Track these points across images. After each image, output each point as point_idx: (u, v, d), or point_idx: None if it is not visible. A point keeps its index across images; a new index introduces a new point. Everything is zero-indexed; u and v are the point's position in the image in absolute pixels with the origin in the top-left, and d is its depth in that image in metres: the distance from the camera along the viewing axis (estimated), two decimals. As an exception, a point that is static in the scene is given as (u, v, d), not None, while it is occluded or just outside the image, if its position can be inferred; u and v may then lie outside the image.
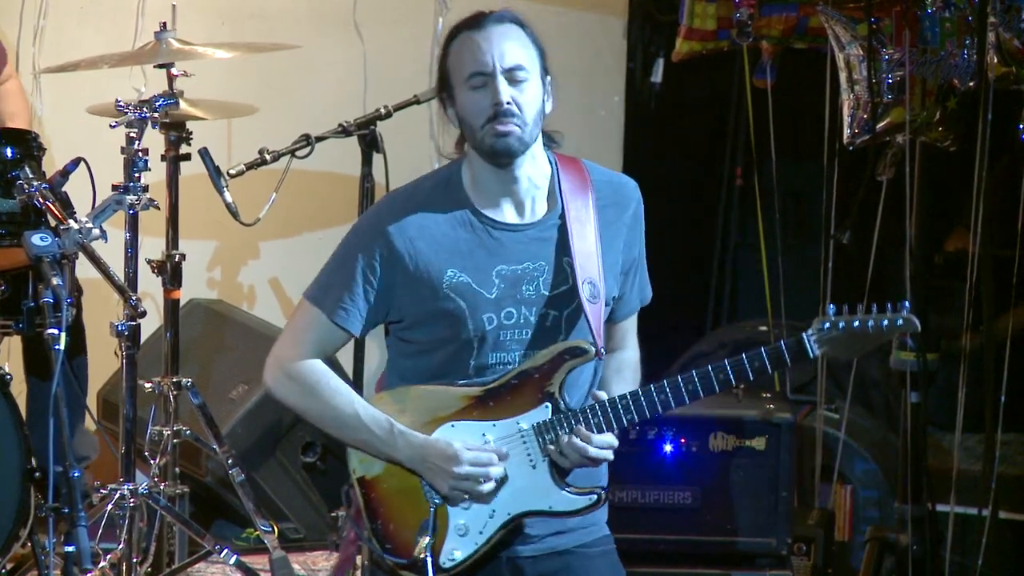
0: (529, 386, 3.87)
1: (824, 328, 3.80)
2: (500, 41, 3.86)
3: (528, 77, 3.88)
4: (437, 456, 3.84)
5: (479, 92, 3.85)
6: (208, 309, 6.95)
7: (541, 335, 3.89)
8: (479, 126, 3.85)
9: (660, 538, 4.06)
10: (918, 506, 5.72)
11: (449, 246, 3.88)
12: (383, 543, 3.91)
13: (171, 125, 5.79)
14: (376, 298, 3.91)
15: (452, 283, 3.87)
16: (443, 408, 3.88)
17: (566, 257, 3.89)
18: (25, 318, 5.45)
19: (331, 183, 7.16)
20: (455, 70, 3.89)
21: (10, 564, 5.48)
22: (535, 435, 3.86)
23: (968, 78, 5.49)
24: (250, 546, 6.27)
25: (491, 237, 3.89)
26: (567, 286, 3.89)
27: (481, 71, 3.84)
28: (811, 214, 7.15)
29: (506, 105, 3.83)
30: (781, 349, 3.83)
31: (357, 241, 3.94)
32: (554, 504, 3.87)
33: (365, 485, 3.93)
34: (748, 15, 6.21)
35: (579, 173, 3.98)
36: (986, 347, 5.63)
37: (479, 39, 3.86)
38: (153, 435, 5.75)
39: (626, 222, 3.99)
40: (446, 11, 7.48)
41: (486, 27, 3.87)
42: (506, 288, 3.88)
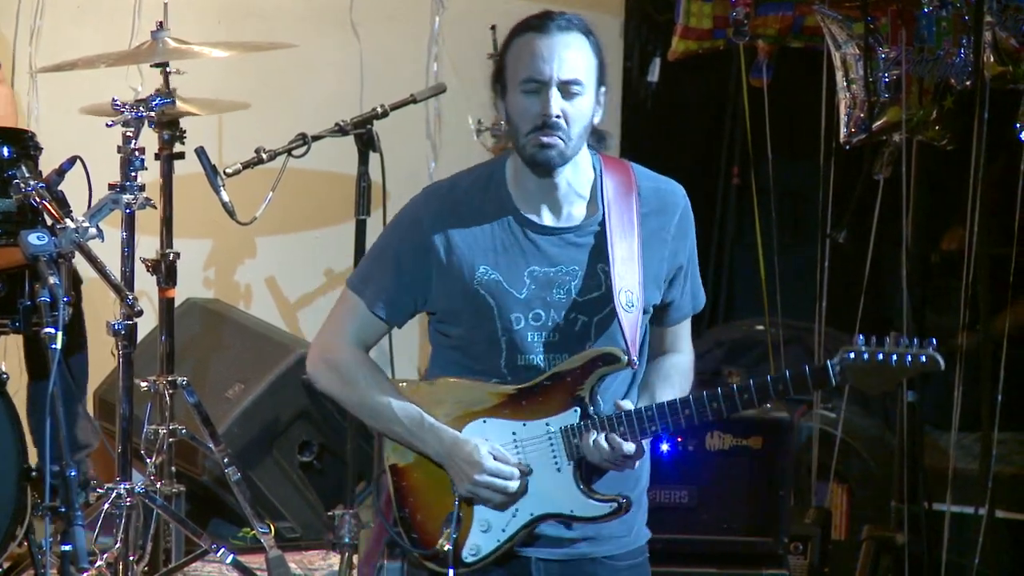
0: (561, 389, 3.88)
1: (849, 357, 3.80)
2: (562, 51, 3.83)
3: (583, 92, 3.85)
4: (462, 458, 3.86)
5: (531, 98, 3.83)
6: (204, 308, 6.95)
7: (569, 339, 3.89)
8: (525, 132, 3.83)
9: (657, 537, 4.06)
10: (915, 505, 5.72)
11: (484, 242, 3.89)
12: (409, 532, 3.94)
13: (166, 124, 5.79)
14: (412, 288, 3.92)
15: (483, 279, 3.88)
16: (476, 403, 3.90)
17: (601, 264, 3.89)
18: (22, 317, 5.44)
19: (328, 182, 7.16)
20: (512, 67, 3.87)
21: (7, 563, 5.47)
22: (562, 438, 3.87)
23: (964, 77, 5.49)
24: (246, 545, 6.27)
25: (526, 238, 3.89)
26: (599, 292, 3.89)
27: (537, 78, 3.82)
28: (808, 213, 7.16)
29: (554, 119, 3.82)
30: (805, 375, 3.83)
31: (396, 232, 3.96)
32: (575, 509, 3.88)
33: (397, 473, 3.96)
34: (744, 14, 6.21)
35: (625, 178, 3.97)
36: (983, 346, 5.63)
37: (541, 45, 3.84)
38: (149, 434, 5.76)
39: (671, 230, 3.97)
40: (443, 10, 7.49)
41: (551, 33, 3.85)
42: (536, 289, 3.88)
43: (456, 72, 7.40)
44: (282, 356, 6.59)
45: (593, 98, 3.89)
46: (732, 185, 7.77)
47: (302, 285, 7.44)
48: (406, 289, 3.92)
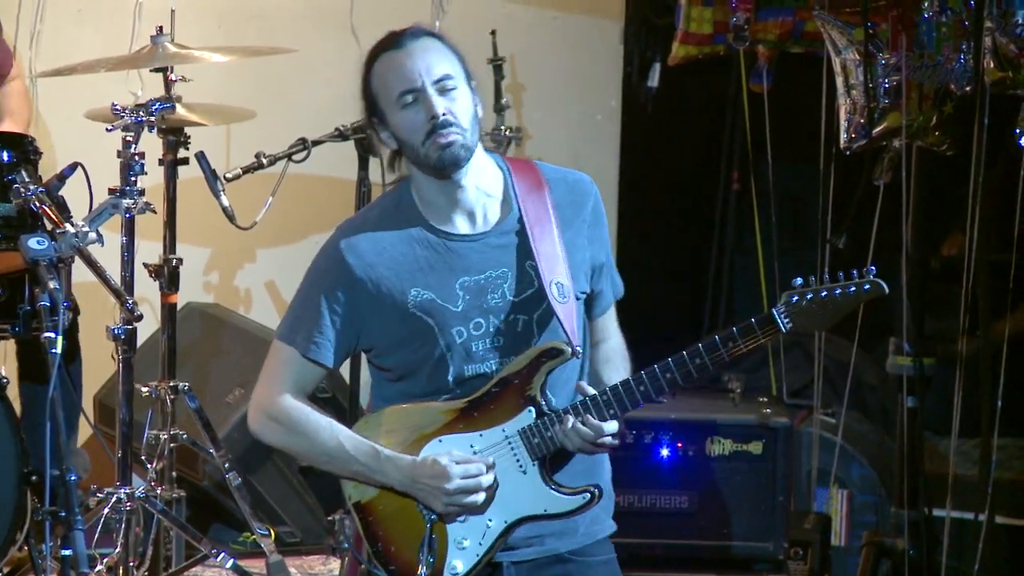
0: (510, 393, 3.88)
1: (792, 301, 3.82)
2: (423, 55, 3.87)
3: (457, 85, 3.87)
4: (427, 475, 3.85)
5: (412, 109, 3.86)
6: (205, 313, 6.95)
7: (513, 341, 3.90)
8: (420, 142, 3.86)
9: (657, 542, 4.06)
10: (914, 511, 5.71)
11: (409, 266, 3.90)
12: (387, 566, 3.93)
13: (169, 129, 5.79)
14: (344, 327, 3.92)
15: (417, 302, 3.89)
16: (428, 424, 3.90)
17: (529, 261, 3.90)
18: (21, 322, 5.44)
19: (328, 187, 7.15)
20: (382, 92, 3.90)
21: (7, 568, 5.47)
22: (522, 440, 3.88)
23: (964, 83, 5.48)
24: (247, 550, 6.27)
25: (449, 250, 3.90)
26: (533, 289, 3.90)
27: (410, 88, 3.85)
28: (807, 218, 7.15)
29: (443, 116, 3.84)
30: (752, 325, 3.83)
31: (318, 275, 3.98)
32: (548, 507, 3.89)
33: (361, 510, 3.96)
34: (744, 19, 6.21)
35: (533, 175, 3.98)
36: (982, 352, 5.63)
37: (402, 57, 3.88)
38: (150, 439, 5.75)
39: (586, 219, 3.99)
40: (442, 15, 7.48)
41: (405, 45, 3.89)
42: (471, 299, 3.89)
43: (456, 77, 7.39)
44: (282, 361, 6.58)
45: (469, 91, 3.91)
46: (732, 190, 7.77)
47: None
48: (339, 330, 3.92)
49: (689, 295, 7.82)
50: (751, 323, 3.82)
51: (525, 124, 7.47)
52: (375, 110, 3.93)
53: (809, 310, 3.81)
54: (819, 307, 3.81)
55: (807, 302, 3.81)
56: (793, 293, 3.82)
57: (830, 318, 3.82)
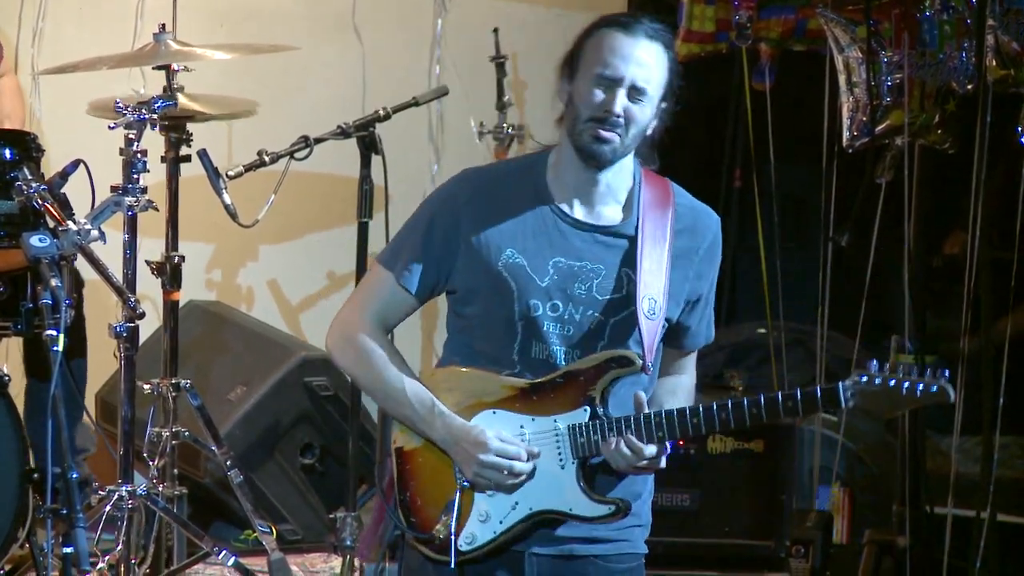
0: (573, 387, 3.89)
1: (861, 381, 3.82)
2: (642, 57, 3.86)
3: (647, 102, 3.88)
4: (468, 441, 3.87)
5: (599, 89, 3.86)
6: (207, 311, 6.95)
7: (584, 336, 3.90)
8: (584, 118, 3.86)
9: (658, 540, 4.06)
10: (916, 509, 5.72)
11: (513, 226, 3.91)
12: (408, 515, 3.95)
13: (171, 127, 5.79)
14: (438, 262, 3.94)
15: (508, 262, 3.90)
16: (488, 394, 3.91)
17: (627, 268, 3.90)
18: (23, 320, 5.45)
19: (330, 185, 7.16)
20: (588, 57, 3.89)
21: (8, 565, 5.48)
22: (569, 436, 3.89)
23: (966, 81, 5.49)
24: (248, 547, 6.28)
25: (556, 228, 3.92)
26: (621, 295, 3.90)
27: (611, 76, 3.85)
28: (810, 216, 7.14)
29: (616, 116, 3.85)
30: (815, 396, 3.84)
31: (429, 207, 3.99)
32: (574, 507, 3.90)
33: (402, 456, 3.98)
34: (747, 17, 6.21)
35: (663, 192, 4.00)
36: (984, 350, 5.63)
37: (625, 44, 3.86)
38: (152, 436, 5.75)
39: (700, 253, 3.99)
40: (445, 13, 7.49)
41: (637, 36, 3.87)
42: (559, 280, 3.90)
43: (458, 75, 7.40)
44: (284, 359, 6.59)
45: (654, 110, 3.92)
46: (734, 188, 7.77)
47: (304, 288, 7.44)
48: (433, 262, 3.94)
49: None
50: (815, 394, 3.84)
51: (527, 122, 7.47)
52: (573, 62, 3.91)
53: (874, 395, 3.82)
54: (884, 395, 3.82)
55: (875, 388, 3.81)
56: (864, 374, 3.83)
57: (891, 409, 3.85)
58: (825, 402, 3.84)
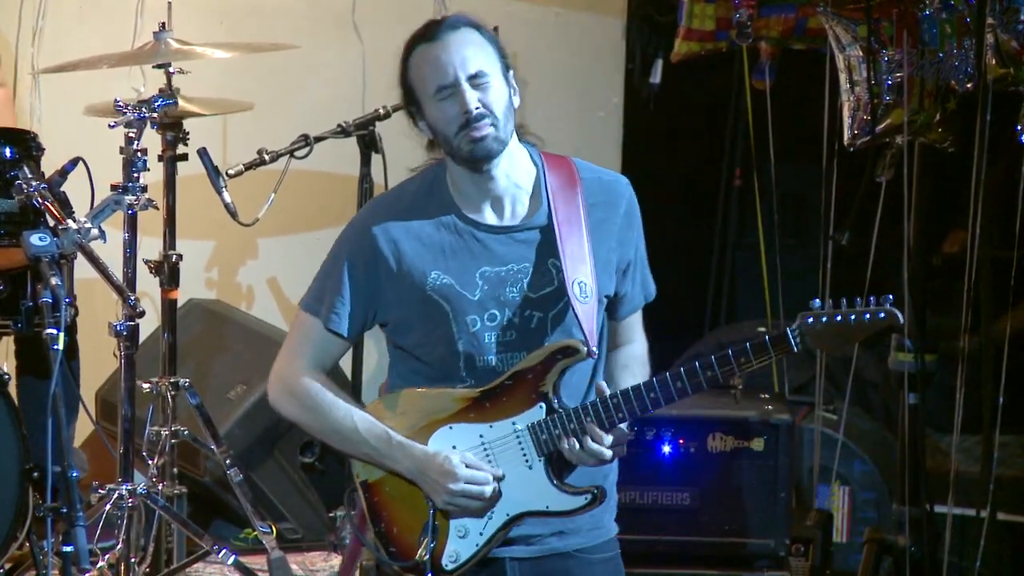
0: (523, 386, 3.88)
1: (808, 322, 3.82)
2: (459, 49, 3.88)
3: (491, 79, 3.88)
4: (435, 471, 3.86)
5: (447, 103, 3.87)
6: (206, 309, 6.95)
7: (526, 337, 3.90)
8: (453, 134, 3.87)
9: (658, 539, 4.06)
10: (916, 507, 5.72)
11: (433, 248, 3.90)
12: (387, 546, 3.94)
13: (169, 125, 5.79)
14: (364, 300, 3.94)
15: (435, 285, 3.89)
16: (440, 411, 3.90)
17: (552, 259, 3.90)
18: (23, 318, 5.44)
19: (330, 183, 7.15)
20: (419, 85, 3.91)
21: (8, 564, 5.47)
22: (530, 435, 3.88)
23: (966, 80, 5.48)
24: (248, 546, 6.28)
25: (475, 239, 3.91)
26: (552, 287, 3.90)
27: (445, 83, 3.86)
28: (810, 215, 7.15)
29: (476, 111, 3.85)
30: (765, 342, 3.84)
31: (344, 246, 3.99)
32: (551, 504, 3.89)
33: (368, 489, 3.96)
34: (747, 16, 6.21)
35: (567, 172, 3.98)
36: (984, 348, 5.63)
37: (438, 51, 3.88)
38: (151, 435, 5.75)
39: (618, 221, 3.98)
40: (444, 11, 7.48)
41: (442, 37, 3.90)
42: (489, 290, 3.89)
43: (459, 73, 7.38)
44: (284, 357, 6.58)
45: (504, 82, 3.92)
46: (734, 187, 7.77)
47: (304, 286, 7.34)
48: (359, 301, 3.93)
49: (691, 291, 7.82)
50: (764, 341, 3.84)
51: (527, 121, 7.42)
52: (412, 99, 3.94)
53: (823, 333, 3.82)
54: (833, 331, 3.82)
55: (822, 325, 3.81)
56: (809, 315, 3.83)
57: (843, 343, 3.84)
58: (776, 348, 3.83)
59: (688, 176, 7.90)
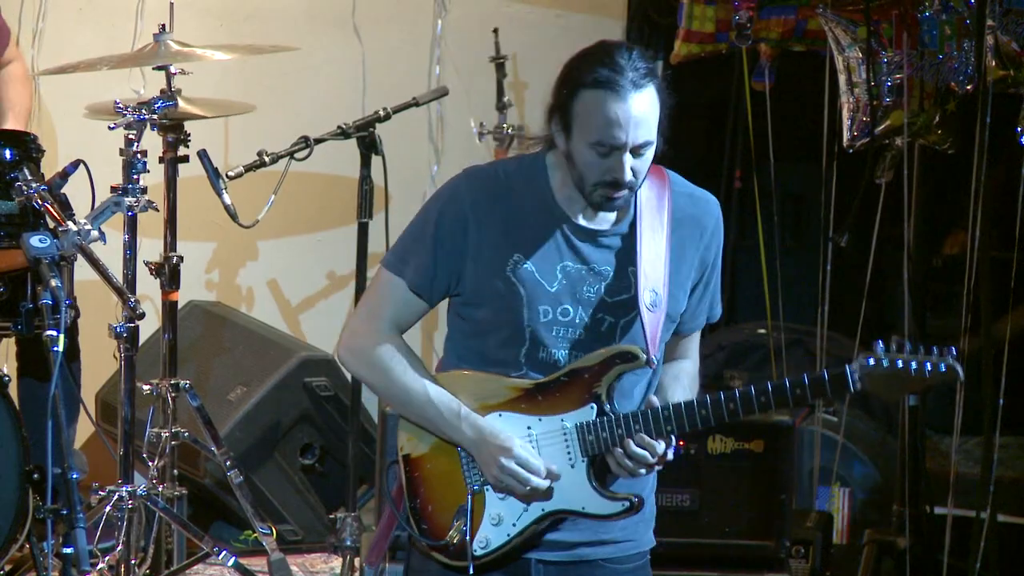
0: (578, 385, 3.87)
1: (868, 364, 3.78)
2: (639, 116, 3.77)
3: (651, 147, 3.83)
4: (494, 444, 3.84)
5: (602, 155, 3.78)
6: (207, 311, 6.95)
7: (593, 338, 3.88)
8: (592, 182, 3.80)
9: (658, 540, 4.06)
10: (916, 509, 5.72)
11: (521, 232, 3.86)
12: (419, 523, 3.93)
13: (169, 127, 5.79)
14: (448, 265, 3.88)
15: (516, 268, 3.86)
16: (493, 396, 3.88)
17: (631, 266, 3.87)
18: (24, 320, 5.44)
19: (330, 185, 7.16)
20: (581, 121, 3.78)
21: (8, 566, 5.47)
22: (577, 435, 3.87)
23: (966, 81, 5.49)
24: (248, 548, 6.28)
25: (563, 233, 3.87)
26: (628, 295, 3.88)
27: (610, 143, 3.78)
28: (810, 217, 7.15)
29: (627, 181, 3.80)
30: (823, 379, 3.81)
31: (434, 209, 3.90)
32: (587, 506, 3.88)
33: (409, 463, 3.94)
34: (747, 18, 6.21)
35: (660, 182, 3.94)
36: (984, 350, 5.63)
37: (617, 110, 3.76)
38: (151, 437, 5.75)
39: (703, 240, 3.96)
40: (445, 13, 7.49)
41: (627, 96, 3.77)
42: (567, 285, 3.87)
43: (458, 75, 7.40)
44: (284, 359, 6.59)
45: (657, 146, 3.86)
46: (734, 188, 7.77)
47: (304, 288, 7.44)
48: (444, 266, 3.88)
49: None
50: (823, 378, 3.81)
51: (527, 122, 7.47)
52: (565, 121, 3.81)
53: (882, 376, 3.78)
54: (893, 376, 3.77)
55: (883, 369, 3.78)
56: (870, 356, 3.79)
57: (900, 390, 3.80)
58: (833, 387, 3.80)
59: (688, 177, 7.88)
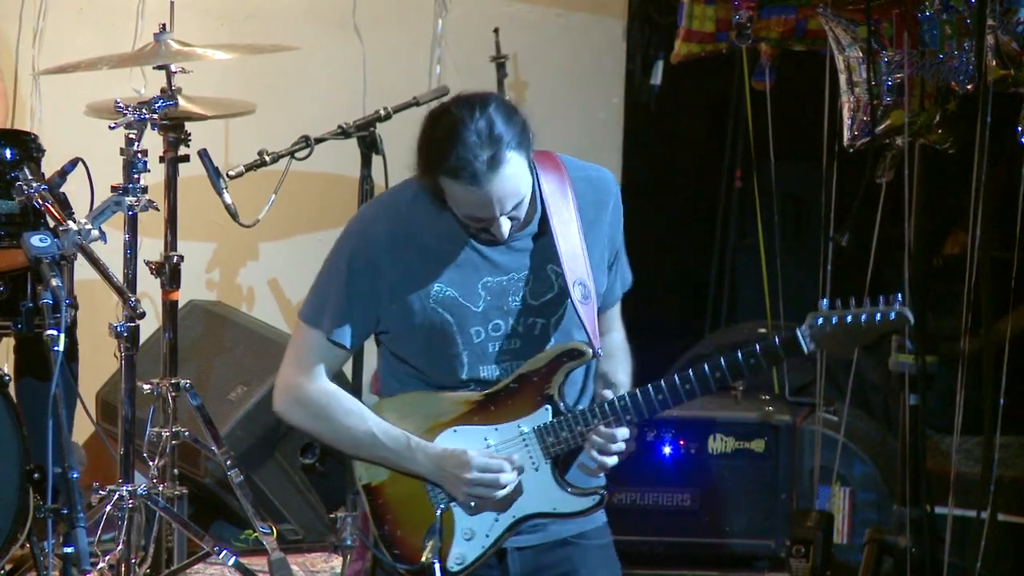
0: (528, 389, 3.87)
1: (817, 323, 3.81)
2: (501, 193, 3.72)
3: (525, 201, 3.79)
4: (451, 464, 3.85)
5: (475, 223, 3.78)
6: (207, 310, 6.95)
7: (530, 344, 3.89)
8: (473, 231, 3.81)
9: (659, 540, 4.07)
10: (916, 508, 5.71)
11: (435, 259, 3.86)
12: (391, 549, 3.92)
13: (170, 126, 5.78)
14: (366, 311, 3.89)
15: (439, 297, 3.86)
16: (444, 414, 3.89)
17: (550, 264, 3.88)
18: (24, 319, 5.44)
19: (330, 185, 7.16)
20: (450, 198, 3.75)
21: (9, 565, 5.47)
22: (536, 438, 3.87)
23: (966, 81, 5.48)
24: (249, 547, 6.27)
25: (475, 249, 3.86)
26: (552, 293, 3.89)
27: (482, 218, 3.76)
28: (810, 216, 7.15)
29: (506, 236, 3.80)
30: (775, 345, 3.83)
31: (343, 254, 3.91)
32: (558, 506, 3.89)
33: (371, 492, 3.95)
34: (747, 17, 6.21)
35: (557, 173, 3.92)
36: (985, 350, 5.63)
37: (479, 195, 3.72)
38: (152, 436, 5.75)
39: (607, 218, 3.96)
40: (445, 13, 7.49)
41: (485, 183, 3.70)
42: (492, 300, 3.87)
43: (459, 75, 7.40)
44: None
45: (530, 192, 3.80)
46: (734, 188, 7.77)
47: (305, 288, 7.29)
48: (360, 313, 3.88)
49: (691, 293, 7.82)
50: (774, 343, 3.82)
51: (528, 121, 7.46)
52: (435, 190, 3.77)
53: (833, 334, 3.80)
54: (842, 332, 3.79)
55: (832, 326, 3.80)
56: (818, 315, 3.81)
57: (853, 343, 3.82)
58: (786, 351, 3.82)
59: (688, 177, 7.90)
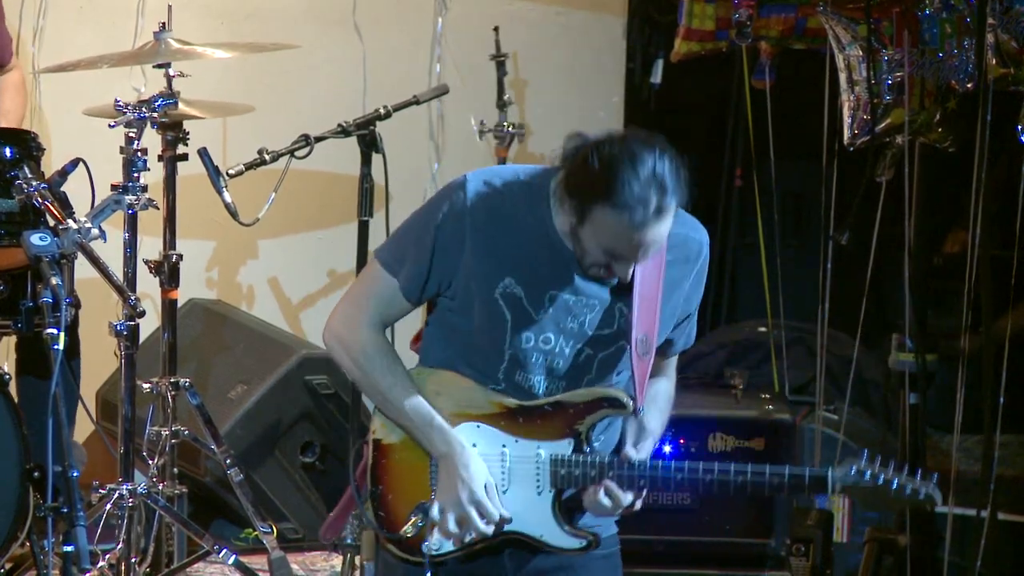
0: (560, 418, 3.88)
1: (851, 473, 3.85)
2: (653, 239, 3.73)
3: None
4: (460, 467, 3.86)
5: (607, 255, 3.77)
6: (207, 309, 6.96)
7: (571, 369, 3.90)
8: (589, 263, 3.80)
9: (659, 539, 4.07)
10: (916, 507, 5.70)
11: (516, 255, 3.85)
12: (377, 509, 3.93)
13: (169, 125, 5.78)
14: (441, 274, 3.88)
15: (505, 291, 3.86)
16: (475, 406, 3.90)
17: (621, 304, 3.87)
18: (24, 318, 5.44)
19: (330, 183, 7.16)
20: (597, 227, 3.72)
21: (8, 564, 5.47)
22: (550, 465, 3.88)
23: (967, 79, 5.48)
24: (249, 546, 6.28)
25: (559, 263, 3.85)
26: (611, 330, 3.89)
27: (622, 256, 3.76)
28: (810, 215, 7.15)
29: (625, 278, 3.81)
30: (804, 479, 3.87)
31: (435, 218, 3.87)
32: (545, 535, 3.90)
33: (379, 449, 3.95)
34: (747, 16, 6.21)
35: None
36: (985, 348, 5.63)
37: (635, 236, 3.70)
38: (151, 435, 5.75)
39: (690, 279, 3.97)
40: (445, 11, 7.49)
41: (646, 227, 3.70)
42: (553, 313, 3.87)
43: (459, 73, 7.40)
44: (284, 357, 6.59)
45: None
46: (735, 186, 7.78)
47: (305, 286, 7.44)
48: (436, 275, 3.88)
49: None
50: (803, 476, 3.88)
51: (528, 120, 7.47)
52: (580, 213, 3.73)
53: (862, 488, 3.86)
54: (872, 491, 3.86)
55: (864, 481, 3.85)
56: (854, 466, 3.85)
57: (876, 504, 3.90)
58: (812, 488, 3.89)
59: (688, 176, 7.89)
